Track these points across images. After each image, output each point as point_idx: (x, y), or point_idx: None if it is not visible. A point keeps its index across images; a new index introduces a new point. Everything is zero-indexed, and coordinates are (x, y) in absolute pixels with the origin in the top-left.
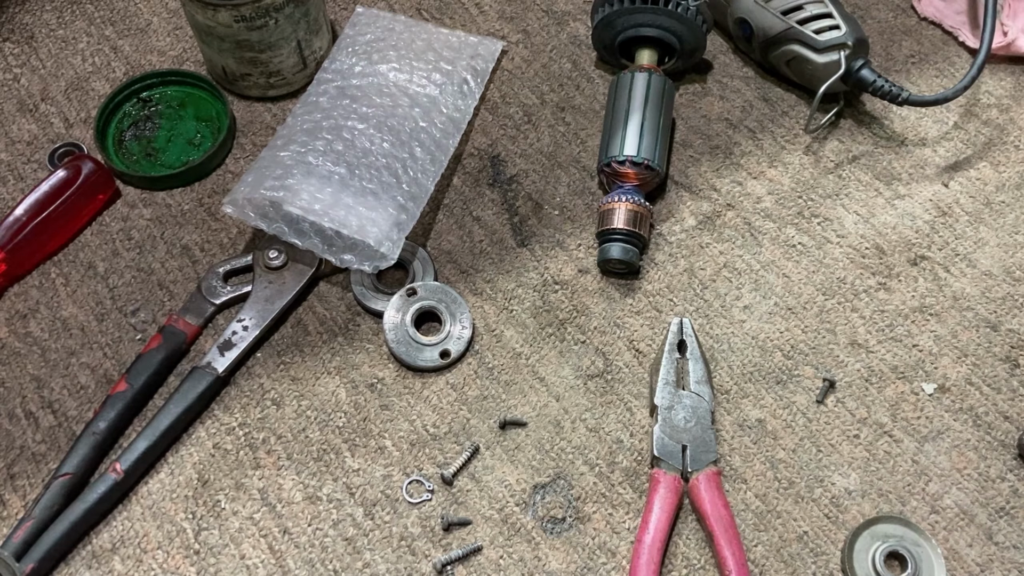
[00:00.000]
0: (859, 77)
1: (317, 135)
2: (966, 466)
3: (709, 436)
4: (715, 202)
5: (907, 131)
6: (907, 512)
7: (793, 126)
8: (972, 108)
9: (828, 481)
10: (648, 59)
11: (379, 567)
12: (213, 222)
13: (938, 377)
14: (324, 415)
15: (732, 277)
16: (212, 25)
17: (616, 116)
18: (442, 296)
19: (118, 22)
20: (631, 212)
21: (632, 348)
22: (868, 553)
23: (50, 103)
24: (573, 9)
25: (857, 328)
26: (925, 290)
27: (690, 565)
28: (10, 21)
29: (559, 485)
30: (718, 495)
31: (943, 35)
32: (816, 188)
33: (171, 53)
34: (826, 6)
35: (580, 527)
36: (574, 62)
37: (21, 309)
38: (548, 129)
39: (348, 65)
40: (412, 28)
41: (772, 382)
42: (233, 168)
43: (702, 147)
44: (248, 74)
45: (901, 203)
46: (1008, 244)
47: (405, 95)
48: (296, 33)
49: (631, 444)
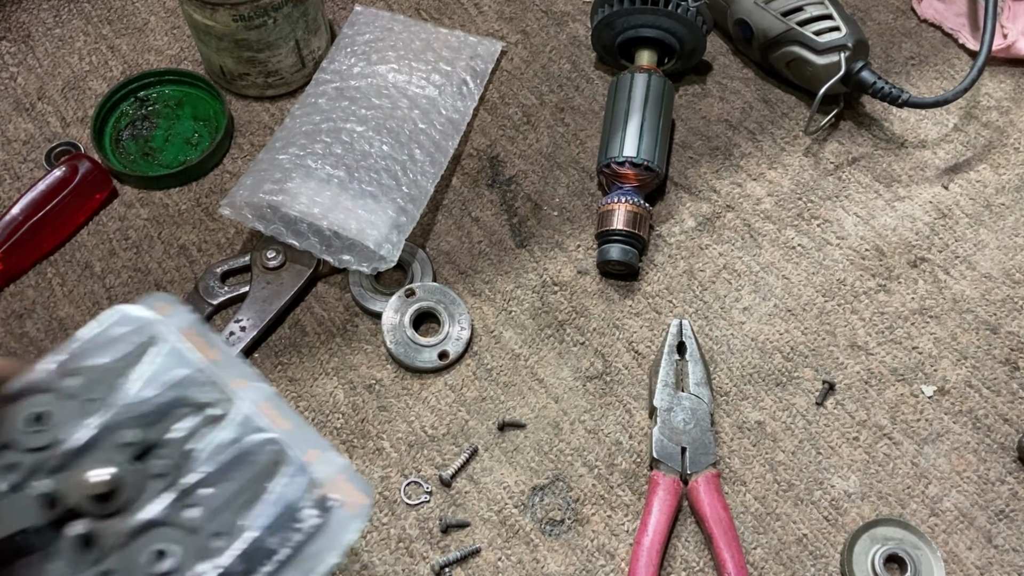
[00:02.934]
0: (859, 79)
1: (316, 137)
2: (966, 469)
3: (708, 438)
4: (715, 203)
5: (907, 133)
6: (907, 515)
7: (793, 128)
8: (972, 110)
9: (827, 483)
10: (648, 60)
11: (377, 569)
12: (211, 222)
13: (938, 379)
14: (322, 416)
15: (732, 279)
16: (210, 24)
17: (616, 117)
18: (441, 297)
19: (115, 21)
20: (630, 213)
21: (631, 349)
22: (867, 556)
23: (47, 102)
24: (572, 10)
25: (857, 330)
26: (925, 292)
27: (689, 568)
28: (7, 19)
29: (558, 487)
30: (717, 497)
31: (943, 37)
32: (816, 190)
33: (169, 52)
34: (826, 8)
35: (579, 529)
36: (573, 63)
37: (17, 309)
38: (547, 130)
39: (347, 65)
40: (411, 28)
41: (772, 384)
42: (231, 168)
43: (702, 148)
44: (246, 73)
45: (901, 205)
46: (1008, 246)
47: (404, 96)
48: (294, 33)
49: (630, 446)
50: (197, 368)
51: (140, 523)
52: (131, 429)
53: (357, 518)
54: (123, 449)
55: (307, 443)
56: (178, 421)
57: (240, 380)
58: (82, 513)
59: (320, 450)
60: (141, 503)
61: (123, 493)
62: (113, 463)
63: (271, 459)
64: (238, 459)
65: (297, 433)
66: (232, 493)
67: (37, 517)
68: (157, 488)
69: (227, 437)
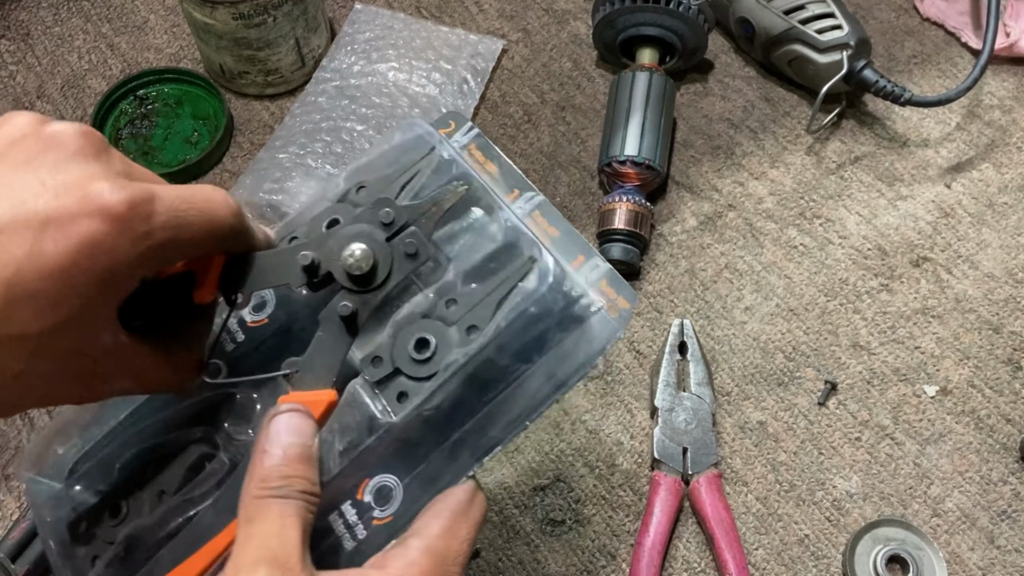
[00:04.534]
0: (861, 77)
1: (316, 136)
2: (968, 469)
3: (710, 438)
4: (716, 203)
5: (909, 132)
6: (909, 515)
7: (795, 126)
8: (974, 109)
9: (829, 484)
10: (649, 58)
11: None
12: None
13: (940, 379)
14: None
15: (733, 278)
16: (210, 23)
17: (617, 116)
18: None
19: (115, 19)
20: (632, 212)
21: (632, 349)
22: (869, 556)
23: (46, 101)
24: (574, 8)
25: (859, 330)
26: (927, 292)
27: (690, 568)
28: (6, 18)
29: (559, 487)
30: (719, 498)
31: (945, 36)
32: (818, 189)
33: (168, 51)
34: (828, 6)
35: (580, 530)
36: (575, 61)
37: None
38: (548, 128)
39: (347, 64)
40: (411, 26)
41: (773, 384)
42: (230, 167)
43: (703, 147)
44: (246, 72)
45: (903, 204)
46: (1010, 246)
47: (404, 95)
48: (294, 31)
49: (631, 446)
50: (468, 175)
51: (405, 315)
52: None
53: (617, 321)
54: (384, 232)
55: (574, 249)
56: (446, 230)
57: (515, 191)
58: (344, 287)
59: (586, 256)
60: (407, 296)
61: (380, 273)
62: (374, 244)
63: (533, 261)
64: (500, 259)
65: (565, 239)
66: (491, 292)
67: (299, 278)
68: (421, 287)
69: (493, 241)
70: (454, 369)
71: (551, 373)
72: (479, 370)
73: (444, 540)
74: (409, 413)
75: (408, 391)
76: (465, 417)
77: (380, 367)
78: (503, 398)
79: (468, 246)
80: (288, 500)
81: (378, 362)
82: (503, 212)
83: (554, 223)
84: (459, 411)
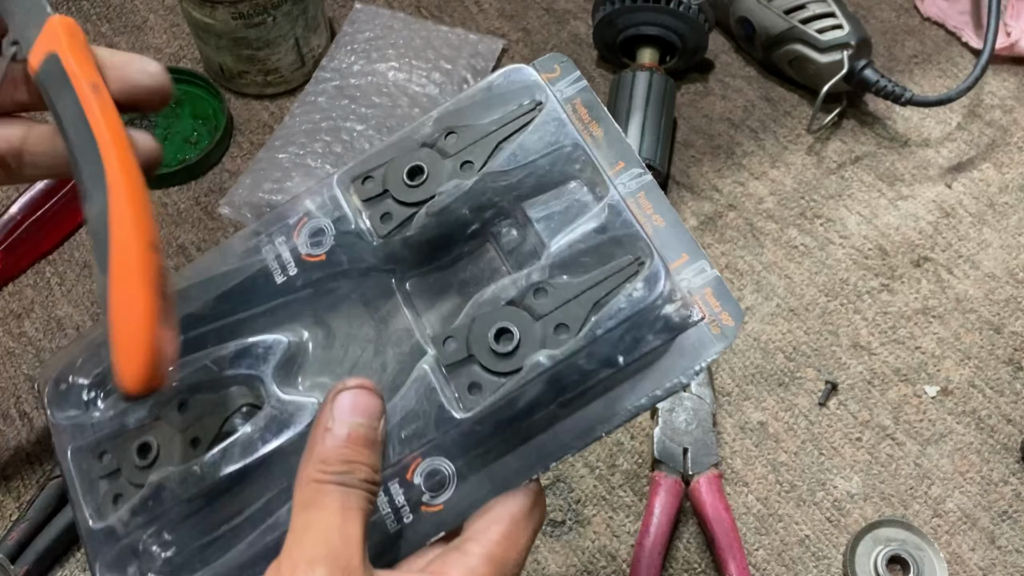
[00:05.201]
0: (862, 77)
1: (316, 136)
2: (969, 469)
3: (710, 439)
4: (717, 202)
5: (910, 132)
6: (909, 516)
7: (795, 126)
8: (975, 109)
9: (830, 484)
10: (649, 58)
11: None
12: (209, 221)
13: (941, 380)
14: None
15: (734, 278)
16: (209, 22)
17: (617, 115)
18: None
19: (114, 19)
20: None
21: None
22: (870, 557)
23: None
24: (574, 7)
25: (860, 330)
26: (928, 292)
27: (691, 569)
28: None
29: (559, 488)
30: (719, 498)
31: (946, 35)
32: (819, 189)
33: (168, 50)
34: (829, 5)
35: (580, 530)
36: (575, 61)
37: (15, 308)
38: None
39: (347, 64)
40: (411, 26)
41: (774, 384)
42: (230, 167)
43: (704, 147)
44: (245, 72)
45: (904, 204)
46: (1012, 246)
47: (404, 95)
48: (294, 30)
49: (631, 446)
50: (575, 143)
51: (488, 298)
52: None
53: (719, 339)
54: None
55: (678, 246)
56: (541, 206)
57: (620, 163)
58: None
59: (691, 256)
60: (494, 277)
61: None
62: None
63: (633, 256)
64: (598, 251)
65: (670, 232)
66: (585, 287)
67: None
68: (509, 269)
69: (592, 224)
70: (537, 372)
71: (638, 385)
72: (561, 372)
73: (504, 547)
74: (482, 410)
75: (482, 383)
76: (538, 419)
77: (454, 350)
78: (581, 404)
79: (563, 227)
80: (350, 490)
81: (451, 343)
82: (608, 190)
83: (660, 211)
84: (533, 411)
